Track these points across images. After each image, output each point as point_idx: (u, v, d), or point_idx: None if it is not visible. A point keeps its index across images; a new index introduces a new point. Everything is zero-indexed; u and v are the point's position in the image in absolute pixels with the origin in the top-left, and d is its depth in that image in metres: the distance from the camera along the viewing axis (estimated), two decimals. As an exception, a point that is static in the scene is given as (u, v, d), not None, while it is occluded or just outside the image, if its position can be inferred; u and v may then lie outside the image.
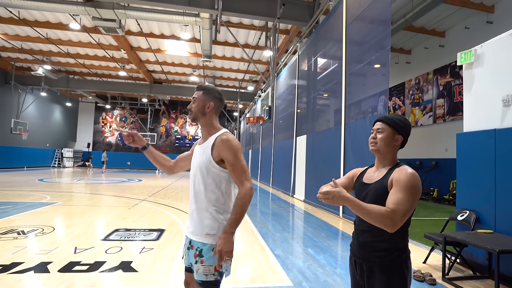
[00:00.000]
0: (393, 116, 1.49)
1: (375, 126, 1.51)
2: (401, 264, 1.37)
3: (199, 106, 1.71)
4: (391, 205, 1.28)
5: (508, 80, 3.38)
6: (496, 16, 9.73)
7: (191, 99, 1.77)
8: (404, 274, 1.36)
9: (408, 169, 1.37)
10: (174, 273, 3.23)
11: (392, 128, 1.46)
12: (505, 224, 3.28)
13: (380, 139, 1.47)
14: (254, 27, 12.96)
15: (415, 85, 13.39)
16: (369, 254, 1.42)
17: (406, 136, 1.48)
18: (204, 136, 1.75)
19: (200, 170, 1.65)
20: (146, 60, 17.91)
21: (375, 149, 1.49)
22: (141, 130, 27.97)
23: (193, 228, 1.67)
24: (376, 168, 1.53)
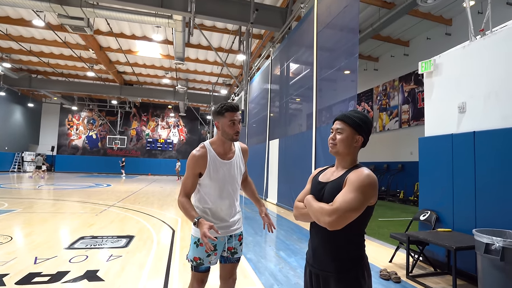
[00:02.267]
0: (353, 114, 1.40)
1: (334, 126, 1.43)
2: (357, 274, 1.30)
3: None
4: (335, 203, 1.23)
5: (463, 89, 3.63)
6: (453, 29, 10.43)
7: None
8: (361, 284, 1.30)
9: (364, 171, 1.30)
10: (143, 281, 3.14)
11: (352, 128, 1.37)
12: (462, 223, 3.51)
13: (340, 141, 1.38)
14: (228, 31, 12.97)
15: (383, 91, 14.00)
16: (324, 263, 1.34)
17: (366, 136, 1.40)
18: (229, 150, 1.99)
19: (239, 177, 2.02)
20: (116, 61, 17.35)
21: (334, 151, 1.42)
22: (111, 133, 26.98)
23: (237, 225, 2.00)
24: (336, 168, 1.46)
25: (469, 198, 3.43)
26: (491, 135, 3.25)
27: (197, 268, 1.88)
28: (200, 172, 1.85)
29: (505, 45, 3.20)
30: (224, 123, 1.84)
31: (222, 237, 1.91)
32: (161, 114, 28.33)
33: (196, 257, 1.87)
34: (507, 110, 3.12)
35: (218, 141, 1.91)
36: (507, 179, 3.03)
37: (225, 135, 1.86)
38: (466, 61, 3.64)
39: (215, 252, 1.89)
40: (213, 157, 1.87)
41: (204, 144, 1.90)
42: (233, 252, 1.97)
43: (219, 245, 1.91)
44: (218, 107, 1.85)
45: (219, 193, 1.89)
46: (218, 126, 1.86)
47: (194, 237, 1.90)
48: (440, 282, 3.37)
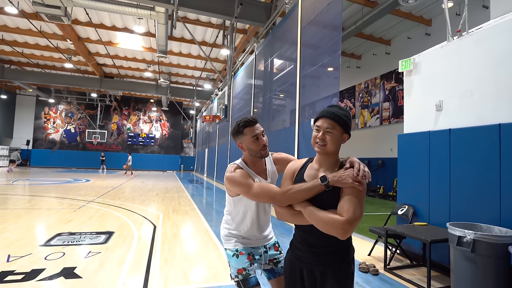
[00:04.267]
0: (339, 112, 1.37)
1: (322, 124, 1.37)
2: (351, 263, 1.38)
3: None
4: (345, 214, 1.23)
5: (440, 87, 3.75)
6: (433, 29, 10.72)
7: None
8: (352, 273, 1.38)
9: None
10: (123, 277, 3.09)
11: (341, 126, 1.35)
12: (437, 217, 3.64)
13: (330, 141, 1.35)
14: (212, 24, 12.81)
15: (365, 89, 14.25)
16: (317, 258, 1.36)
17: (350, 132, 1.40)
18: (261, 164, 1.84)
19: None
20: (95, 53, 16.81)
21: (323, 152, 1.38)
22: (90, 127, 26.21)
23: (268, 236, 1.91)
24: (319, 165, 1.43)
25: (444, 193, 3.56)
26: (465, 132, 3.37)
27: (247, 281, 1.69)
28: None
29: (480, 46, 3.32)
30: (247, 141, 1.69)
31: (257, 247, 1.85)
32: (143, 108, 27.76)
33: (241, 269, 1.72)
34: (481, 109, 3.25)
35: (249, 161, 1.76)
36: (479, 175, 3.16)
37: (253, 153, 1.71)
38: (443, 60, 3.75)
39: (253, 262, 1.78)
40: (252, 175, 1.70)
41: (238, 164, 1.72)
42: (276, 262, 1.88)
43: (255, 252, 1.83)
44: (235, 127, 1.72)
45: (255, 211, 1.77)
46: (243, 147, 1.72)
47: (229, 251, 1.80)
48: (416, 273, 3.49)
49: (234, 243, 1.80)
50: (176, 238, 4.78)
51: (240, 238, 1.81)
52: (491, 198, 3.03)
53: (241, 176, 1.62)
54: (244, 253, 1.77)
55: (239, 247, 1.78)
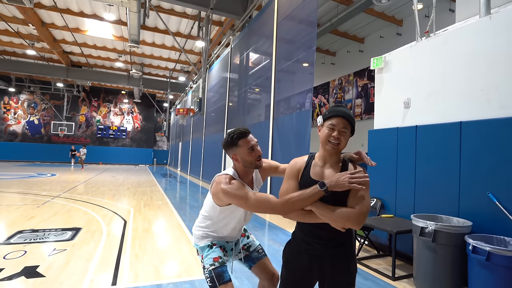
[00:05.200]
0: (350, 112, 1.44)
1: (338, 123, 1.40)
2: (354, 251, 1.50)
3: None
4: (357, 206, 1.32)
5: (409, 85, 3.90)
6: (404, 29, 11.12)
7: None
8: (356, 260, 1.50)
9: (358, 167, 1.45)
10: (90, 274, 2.99)
11: (351, 127, 1.43)
12: (403, 209, 3.82)
13: (344, 141, 1.42)
14: (187, 15, 12.51)
15: (338, 85, 14.56)
16: (331, 252, 1.42)
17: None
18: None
19: None
20: (61, 40, 15.88)
21: (335, 151, 1.43)
22: (56, 119, 24.85)
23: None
24: (323, 163, 1.48)
25: (409, 186, 3.74)
26: (430, 129, 3.54)
27: (222, 275, 1.66)
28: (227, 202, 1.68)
29: (444, 48, 3.48)
30: (242, 153, 1.65)
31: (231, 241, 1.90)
32: (114, 100, 26.72)
33: (216, 257, 1.72)
34: (445, 107, 3.42)
35: (242, 172, 1.72)
36: (441, 169, 3.34)
37: (248, 165, 1.67)
38: (412, 60, 3.90)
39: (225, 254, 1.81)
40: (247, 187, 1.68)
41: (231, 175, 1.67)
42: (248, 247, 1.94)
43: (228, 247, 1.86)
44: (228, 139, 1.66)
45: (236, 222, 1.80)
46: (238, 159, 1.67)
47: (203, 245, 1.80)
48: (382, 263, 3.65)
49: (208, 240, 1.82)
50: (148, 233, 4.68)
51: (216, 238, 1.83)
52: (451, 191, 3.22)
53: (238, 188, 1.56)
54: (217, 244, 1.81)
55: (212, 241, 1.82)
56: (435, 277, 2.83)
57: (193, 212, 6.54)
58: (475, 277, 2.53)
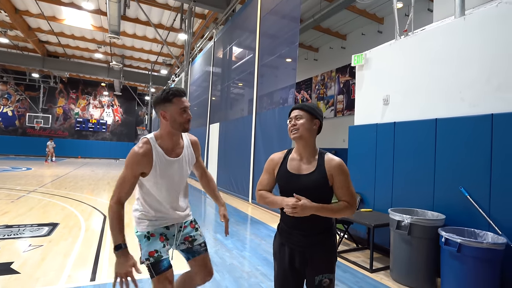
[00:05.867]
0: (306, 104, 1.55)
1: (292, 114, 1.54)
2: (335, 240, 1.56)
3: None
4: (346, 198, 1.46)
5: (388, 83, 4.00)
6: (384, 27, 11.33)
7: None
8: (336, 248, 1.57)
9: (334, 158, 1.50)
10: (68, 270, 2.92)
11: (309, 113, 1.51)
12: (381, 203, 3.93)
13: (301, 125, 1.49)
14: (169, 7, 12.25)
15: (321, 81, 14.71)
16: (309, 239, 1.49)
17: (321, 119, 1.55)
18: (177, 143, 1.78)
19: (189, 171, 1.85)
20: (37, 28, 15.21)
21: (298, 136, 1.51)
22: (31, 111, 23.87)
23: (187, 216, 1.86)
24: (300, 156, 1.55)
25: (387, 181, 3.85)
26: (407, 125, 3.65)
27: (159, 265, 1.61)
28: (143, 171, 1.61)
29: (422, 46, 3.58)
30: (173, 111, 1.60)
31: (171, 224, 1.77)
32: (93, 92, 25.92)
33: (152, 251, 1.63)
34: (421, 104, 3.53)
35: (166, 135, 1.67)
36: (418, 165, 3.46)
37: (175, 126, 1.63)
38: (391, 57, 4.00)
39: (167, 243, 1.72)
40: (160, 155, 1.64)
41: (148, 139, 1.64)
42: (192, 240, 1.83)
43: (168, 232, 1.76)
44: (163, 94, 1.61)
45: (166, 193, 1.71)
46: (166, 116, 1.61)
47: (140, 232, 1.70)
48: (361, 256, 3.76)
49: (146, 226, 1.70)
50: (129, 227, 4.60)
51: (153, 219, 1.72)
52: (426, 185, 3.34)
53: (129, 159, 1.59)
54: (156, 234, 1.70)
55: (150, 229, 1.70)
56: (410, 269, 2.95)
57: (175, 207, 6.49)
58: (447, 267, 2.65)
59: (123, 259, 1.48)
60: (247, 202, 7.18)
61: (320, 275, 1.47)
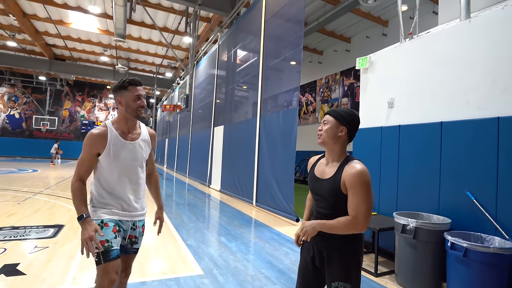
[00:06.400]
0: (338, 109, 1.54)
1: (323, 119, 1.58)
2: (355, 250, 1.48)
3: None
4: (352, 212, 1.39)
5: (392, 86, 3.98)
6: (389, 30, 11.31)
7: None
8: (358, 258, 1.48)
9: (356, 166, 1.41)
10: (73, 272, 2.94)
11: (335, 119, 1.50)
12: (386, 207, 3.91)
13: (325, 130, 1.51)
14: (174, 10, 12.36)
15: (325, 84, 14.70)
16: (328, 241, 1.49)
17: (350, 126, 1.50)
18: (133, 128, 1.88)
19: (143, 160, 1.89)
20: (44, 32, 15.44)
21: (320, 141, 1.54)
22: (38, 113, 24.15)
23: (142, 211, 1.90)
24: (327, 161, 1.57)
25: (392, 184, 3.83)
26: (412, 129, 3.63)
27: (108, 254, 1.64)
28: (98, 152, 1.71)
29: (427, 49, 3.57)
30: (128, 98, 1.75)
31: (126, 222, 1.79)
32: (99, 95, 26.17)
33: (103, 240, 1.64)
34: (426, 107, 3.51)
35: (121, 120, 1.80)
36: (423, 168, 3.44)
37: (129, 111, 1.77)
38: (396, 60, 3.98)
39: (119, 233, 1.74)
40: (115, 137, 1.74)
41: (105, 123, 1.77)
42: (133, 241, 1.86)
43: (122, 224, 1.78)
44: (119, 82, 1.77)
45: (119, 176, 1.76)
46: (122, 102, 1.76)
47: (94, 220, 1.69)
48: (365, 260, 3.73)
49: (101, 214, 1.72)
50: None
51: (107, 207, 1.74)
52: (432, 189, 3.31)
53: (87, 139, 1.70)
54: (110, 224, 1.71)
55: (105, 218, 1.72)
56: (415, 273, 2.92)
57: (179, 209, 6.51)
58: (453, 272, 2.62)
59: (86, 226, 1.60)
60: (251, 205, 7.18)
61: (336, 282, 1.45)
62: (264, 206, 6.65)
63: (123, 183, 1.78)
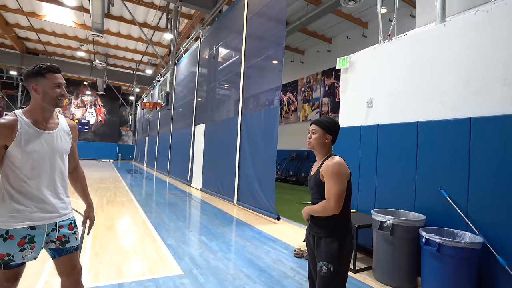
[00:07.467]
0: (324, 119, 1.83)
1: (310, 128, 1.86)
2: (340, 236, 1.73)
3: None
4: (326, 195, 1.71)
5: (371, 86, 4.07)
6: (369, 31, 11.57)
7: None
8: (341, 243, 1.72)
9: (332, 160, 1.73)
10: (45, 276, 2.83)
11: (323, 129, 1.80)
12: (365, 204, 3.99)
13: (314, 139, 1.82)
14: (155, 6, 12.10)
15: (307, 84, 14.86)
16: (318, 228, 1.79)
17: (334, 134, 1.83)
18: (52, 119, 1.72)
19: (65, 153, 1.75)
20: (15, 24, 14.70)
21: (311, 147, 1.85)
22: (9, 109, 23.03)
23: (65, 210, 1.74)
24: (317, 161, 1.88)
25: (371, 182, 3.91)
26: (390, 128, 3.73)
27: (7, 265, 1.53)
28: (5, 144, 1.51)
29: (404, 51, 3.67)
30: (46, 85, 1.58)
31: (42, 226, 1.60)
32: (75, 91, 25.27)
33: (4, 254, 1.50)
34: (403, 107, 3.61)
35: (35, 109, 1.61)
36: (400, 166, 3.54)
37: (48, 100, 1.60)
38: (375, 61, 4.07)
39: (32, 245, 1.57)
40: (26, 126, 1.56)
41: (15, 112, 1.58)
42: (64, 241, 1.69)
43: (38, 236, 1.60)
44: (35, 68, 1.58)
45: (33, 169, 1.57)
46: (38, 90, 1.58)
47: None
48: (344, 256, 3.79)
49: (9, 222, 1.52)
50: (110, 231, 4.50)
51: (14, 212, 1.54)
52: (408, 187, 3.42)
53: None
54: (16, 236, 1.53)
55: (10, 228, 1.52)
56: (392, 268, 3.00)
57: (159, 208, 6.39)
58: (428, 267, 2.71)
59: None
60: (233, 204, 7.15)
61: (320, 262, 1.73)
62: (246, 204, 6.64)
63: (38, 178, 1.59)
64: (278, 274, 3.16)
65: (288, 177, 13.36)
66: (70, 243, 1.72)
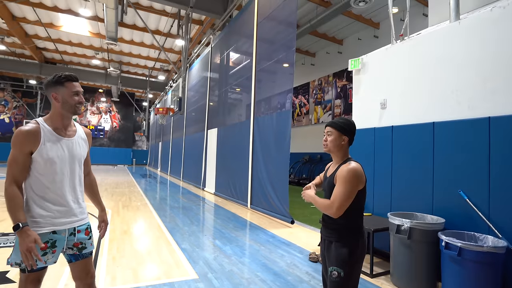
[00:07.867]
0: (338, 120, 1.78)
1: (325, 130, 1.82)
2: (350, 241, 1.69)
3: None
4: (332, 197, 1.67)
5: (385, 87, 4.01)
6: (380, 32, 11.43)
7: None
8: (352, 248, 1.67)
9: (348, 165, 1.67)
10: (65, 279, 2.89)
11: (338, 131, 1.75)
12: (380, 207, 3.92)
13: (330, 141, 1.77)
14: (166, 13, 12.31)
15: (318, 86, 14.77)
16: (328, 232, 1.78)
17: (351, 135, 1.77)
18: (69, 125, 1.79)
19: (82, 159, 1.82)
20: (34, 35, 15.22)
21: (327, 150, 1.80)
22: (29, 117, 23.77)
23: (83, 215, 1.80)
24: (334, 163, 1.85)
25: (386, 185, 3.84)
26: (405, 129, 3.66)
27: (31, 269, 1.57)
28: (31, 150, 1.58)
29: (417, 50, 3.60)
30: (65, 94, 1.66)
31: (63, 230, 1.68)
32: (91, 98, 25.89)
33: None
34: (418, 108, 3.54)
35: (56, 116, 1.69)
36: (416, 168, 3.46)
37: (67, 107, 1.68)
38: (387, 62, 4.01)
39: (53, 250, 1.64)
40: (49, 133, 1.63)
41: (36, 120, 1.65)
42: (81, 247, 1.76)
43: (59, 241, 1.66)
44: (54, 77, 1.66)
45: (56, 175, 1.64)
46: (58, 98, 1.66)
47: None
48: (360, 261, 3.73)
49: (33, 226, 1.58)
50: (126, 235, 4.57)
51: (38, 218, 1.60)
52: (425, 189, 3.34)
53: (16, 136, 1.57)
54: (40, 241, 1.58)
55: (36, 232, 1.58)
56: (410, 273, 2.93)
57: (173, 212, 6.45)
58: (448, 271, 2.63)
59: (24, 236, 1.49)
60: (246, 208, 7.15)
61: (331, 266, 1.70)
62: (259, 208, 6.62)
63: (61, 183, 1.66)
64: (293, 279, 3.13)
65: (301, 180, 13.26)
66: (86, 248, 1.80)
